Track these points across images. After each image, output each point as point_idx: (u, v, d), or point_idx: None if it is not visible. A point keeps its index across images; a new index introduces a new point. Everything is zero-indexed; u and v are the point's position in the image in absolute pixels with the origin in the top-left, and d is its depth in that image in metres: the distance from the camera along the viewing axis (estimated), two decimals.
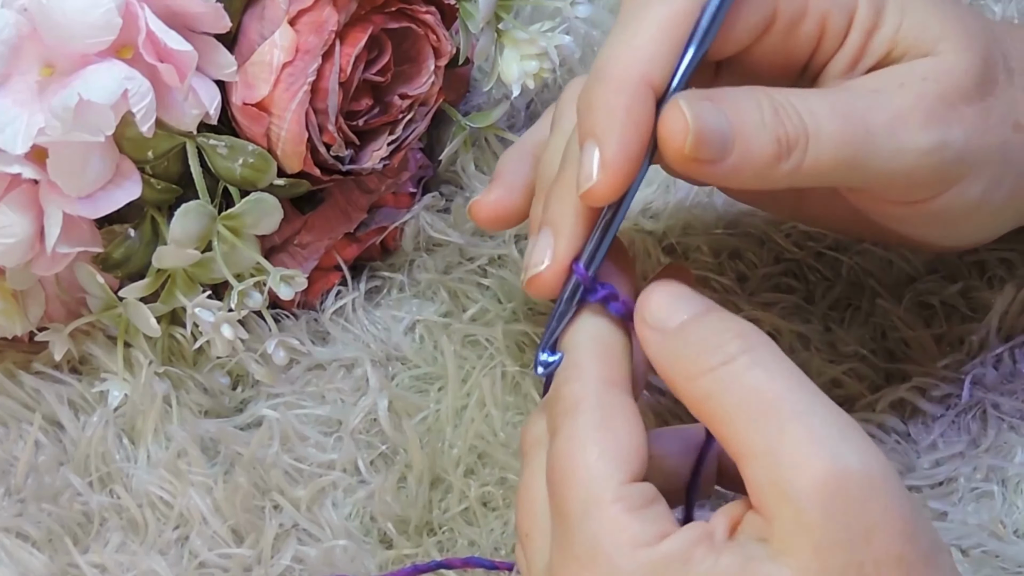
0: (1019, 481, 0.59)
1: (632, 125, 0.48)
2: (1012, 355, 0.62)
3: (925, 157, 0.50)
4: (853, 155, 0.49)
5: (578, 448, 0.46)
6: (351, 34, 0.60)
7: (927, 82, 0.50)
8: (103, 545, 0.59)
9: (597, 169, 0.48)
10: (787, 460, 0.43)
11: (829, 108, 0.49)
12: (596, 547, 0.44)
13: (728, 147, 0.48)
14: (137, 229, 0.60)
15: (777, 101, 0.49)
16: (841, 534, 0.42)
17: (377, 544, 0.59)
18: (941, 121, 0.50)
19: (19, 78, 0.55)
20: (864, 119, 0.49)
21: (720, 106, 0.48)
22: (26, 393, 0.62)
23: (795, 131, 0.49)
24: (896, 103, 0.50)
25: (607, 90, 0.48)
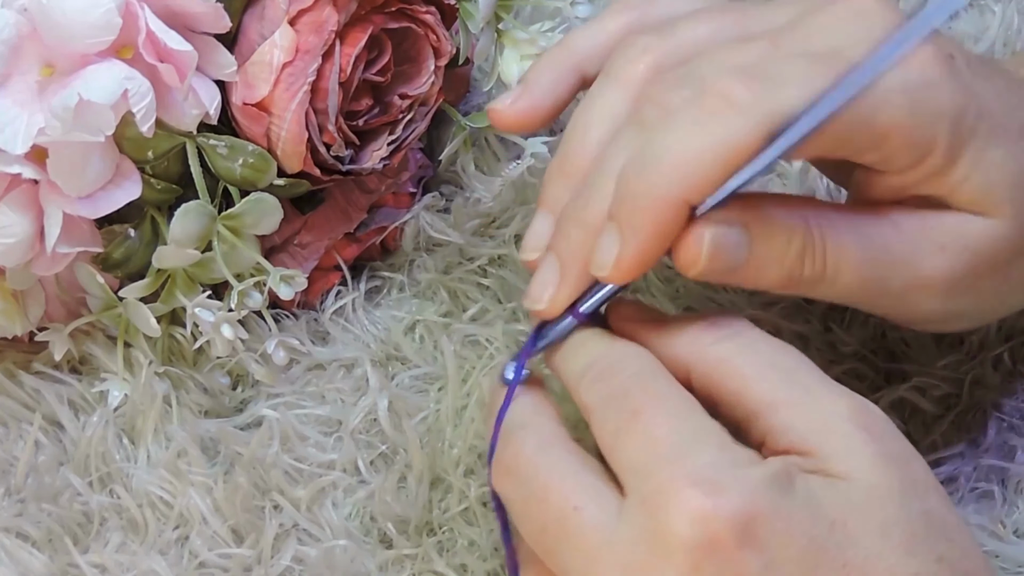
0: (1019, 481, 0.59)
1: (657, 238, 0.48)
2: (1012, 355, 0.62)
3: (930, 317, 0.52)
4: (858, 300, 0.52)
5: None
6: (351, 34, 0.60)
7: (966, 253, 0.50)
8: (103, 545, 0.59)
9: (612, 264, 0.48)
10: (815, 401, 0.45)
11: (858, 258, 0.50)
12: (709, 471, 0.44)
13: (738, 271, 0.49)
14: (137, 229, 0.60)
15: (811, 242, 0.49)
16: (888, 451, 0.45)
17: (377, 544, 0.59)
18: (961, 295, 0.52)
19: (19, 78, 0.55)
20: (885, 279, 0.50)
21: (747, 232, 0.48)
22: (26, 393, 0.62)
23: (811, 276, 0.49)
24: (926, 271, 0.51)
25: (646, 197, 0.47)
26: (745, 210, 0.48)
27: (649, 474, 0.45)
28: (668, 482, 0.44)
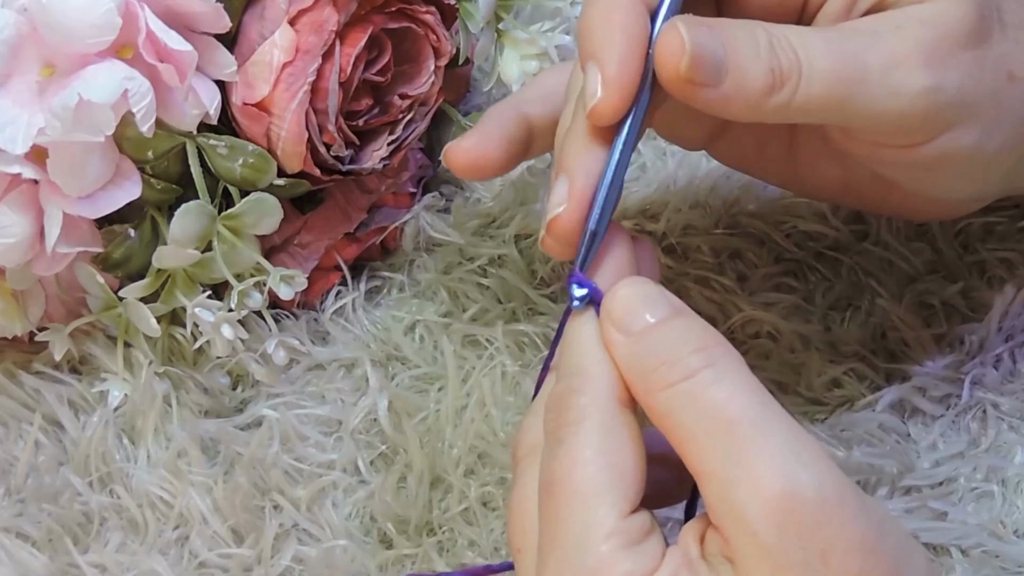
0: (1019, 481, 0.59)
1: (628, 40, 0.48)
2: (1012, 355, 0.62)
3: (920, 99, 0.50)
4: (846, 93, 0.50)
5: (580, 469, 0.45)
6: (351, 34, 0.60)
7: (924, 26, 0.51)
8: (103, 545, 0.59)
9: (600, 87, 0.48)
10: (741, 482, 0.42)
11: (824, 45, 0.50)
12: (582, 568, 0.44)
13: (722, 73, 0.48)
14: (137, 229, 0.60)
15: (773, 34, 0.49)
16: (797, 555, 0.41)
17: (377, 544, 0.59)
18: (938, 64, 0.50)
19: (19, 78, 0.55)
20: (859, 58, 0.50)
21: (717, 33, 0.48)
22: (26, 393, 0.62)
23: (789, 64, 0.49)
24: (893, 44, 0.50)
25: (602, 10, 0.49)
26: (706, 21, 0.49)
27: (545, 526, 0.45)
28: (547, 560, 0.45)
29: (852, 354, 0.62)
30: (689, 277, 0.64)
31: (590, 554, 0.44)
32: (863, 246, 0.64)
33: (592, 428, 0.46)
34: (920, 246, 0.64)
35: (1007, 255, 0.64)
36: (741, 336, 0.63)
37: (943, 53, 0.50)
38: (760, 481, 0.42)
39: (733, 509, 0.42)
